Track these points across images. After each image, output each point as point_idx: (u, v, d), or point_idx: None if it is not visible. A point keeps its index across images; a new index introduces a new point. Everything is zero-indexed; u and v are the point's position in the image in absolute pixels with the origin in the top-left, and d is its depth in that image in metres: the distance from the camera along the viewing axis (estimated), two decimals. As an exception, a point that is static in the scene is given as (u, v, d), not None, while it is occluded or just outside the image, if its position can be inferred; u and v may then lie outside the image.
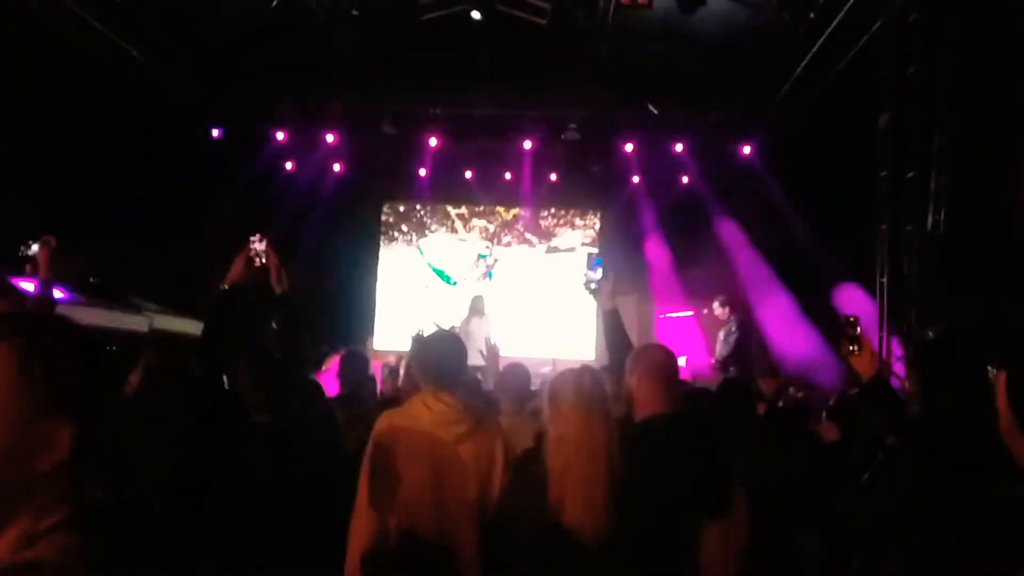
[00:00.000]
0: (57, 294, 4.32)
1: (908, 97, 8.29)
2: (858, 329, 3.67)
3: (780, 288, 11.56)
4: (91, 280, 9.01)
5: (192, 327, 9.06)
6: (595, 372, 3.32)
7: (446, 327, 7.41)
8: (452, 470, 3.09)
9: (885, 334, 8.47)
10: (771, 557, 4.09)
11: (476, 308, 11.53)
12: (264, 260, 4.00)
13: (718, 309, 10.43)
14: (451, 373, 3.26)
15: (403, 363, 5.78)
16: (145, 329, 9.53)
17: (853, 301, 9.48)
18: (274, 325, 4.08)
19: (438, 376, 3.24)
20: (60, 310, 4.41)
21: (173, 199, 11.22)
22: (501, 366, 5.42)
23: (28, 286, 4.26)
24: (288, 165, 13.41)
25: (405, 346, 7.12)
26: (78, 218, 8.67)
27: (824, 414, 5.50)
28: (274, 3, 8.70)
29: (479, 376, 6.21)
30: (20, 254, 4.22)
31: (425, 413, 3.15)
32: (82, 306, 8.46)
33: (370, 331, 14.00)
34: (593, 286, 4.38)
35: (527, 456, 3.26)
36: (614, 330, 4.26)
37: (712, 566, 3.15)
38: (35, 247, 4.14)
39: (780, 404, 6.80)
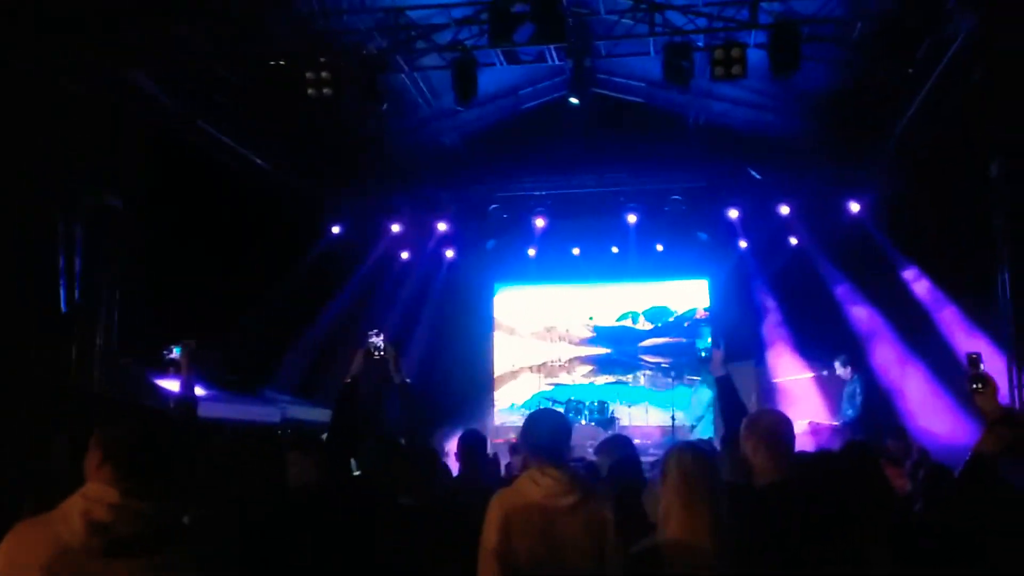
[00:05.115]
0: (199, 391, 4.68)
1: (1020, 143, 8.09)
2: (981, 366, 3.57)
3: (900, 344, 11.19)
4: (228, 377, 9.58)
5: (321, 415, 9.50)
6: (698, 449, 3.40)
7: None
8: (565, 541, 3.20)
9: (1016, 378, 8.12)
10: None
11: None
12: (383, 353, 4.28)
13: (840, 369, 10.15)
14: (556, 448, 3.39)
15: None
16: (278, 419, 10.03)
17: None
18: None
19: (543, 451, 3.37)
20: (202, 406, 4.75)
21: (299, 296, 11.87)
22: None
23: (174, 384, 4.65)
24: (404, 254, 13.97)
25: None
26: (213, 320, 9.31)
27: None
28: (384, 105, 9.24)
29: None
30: (163, 357, 4.59)
31: (533, 488, 3.28)
32: (221, 401, 9.02)
33: (489, 406, 14.31)
34: (703, 355, 4.46)
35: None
36: (728, 397, 4.32)
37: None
38: (175, 350, 4.50)
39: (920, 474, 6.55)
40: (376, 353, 4.33)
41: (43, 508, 2.38)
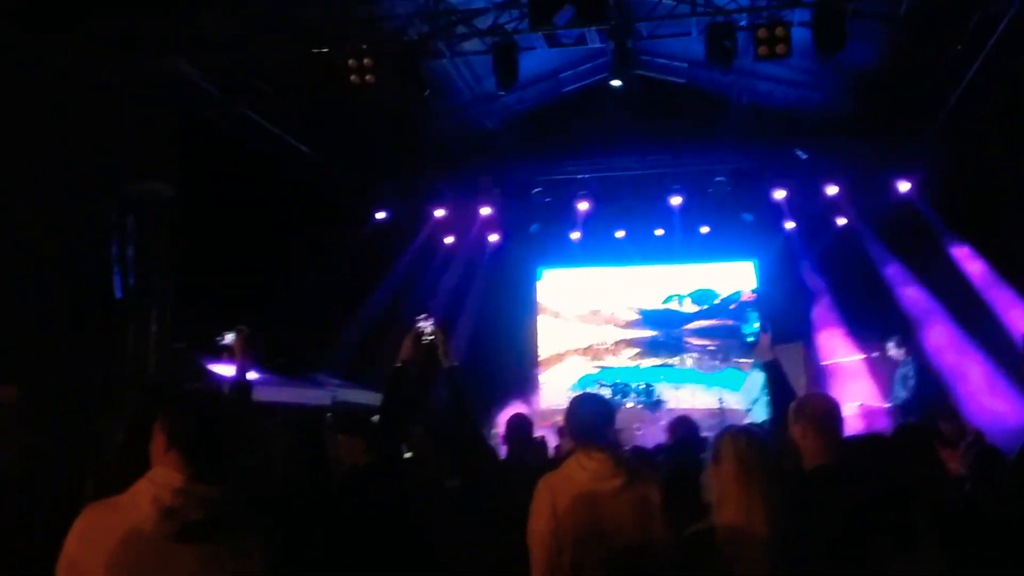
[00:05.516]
0: (251, 375, 4.77)
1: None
2: None
3: (953, 325, 10.96)
4: (280, 361, 9.74)
5: (370, 398, 9.63)
6: (751, 432, 3.39)
7: None
8: (613, 522, 3.24)
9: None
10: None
11: None
12: (432, 337, 4.32)
13: (893, 350, 9.92)
14: (599, 431, 3.42)
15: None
16: (328, 402, 10.20)
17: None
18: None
19: (587, 435, 3.40)
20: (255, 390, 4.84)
21: (346, 281, 12.02)
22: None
23: (228, 370, 4.73)
24: (448, 239, 14.03)
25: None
26: (263, 306, 9.47)
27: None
28: (427, 91, 9.28)
29: None
30: (217, 343, 4.66)
31: (580, 472, 3.32)
32: (273, 385, 9.18)
33: (535, 389, 14.34)
34: (751, 339, 4.45)
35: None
36: (776, 382, 4.29)
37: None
38: (229, 336, 4.58)
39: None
40: (425, 338, 4.37)
41: (104, 492, 2.45)
